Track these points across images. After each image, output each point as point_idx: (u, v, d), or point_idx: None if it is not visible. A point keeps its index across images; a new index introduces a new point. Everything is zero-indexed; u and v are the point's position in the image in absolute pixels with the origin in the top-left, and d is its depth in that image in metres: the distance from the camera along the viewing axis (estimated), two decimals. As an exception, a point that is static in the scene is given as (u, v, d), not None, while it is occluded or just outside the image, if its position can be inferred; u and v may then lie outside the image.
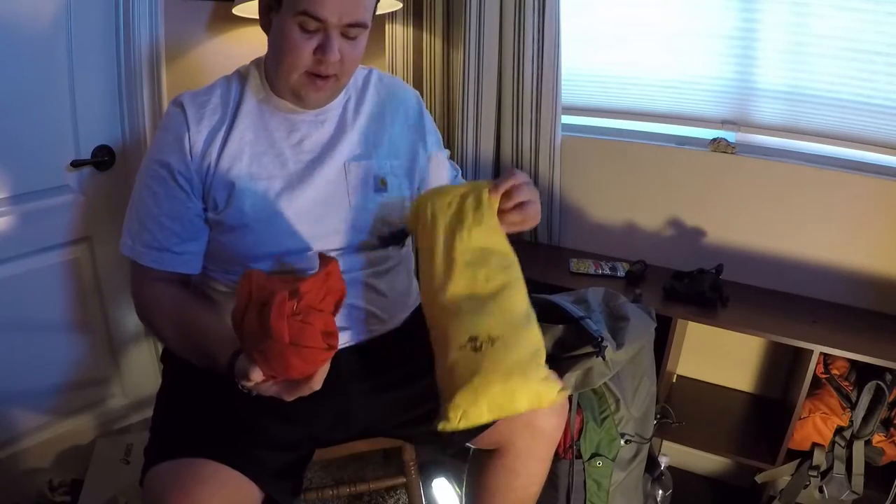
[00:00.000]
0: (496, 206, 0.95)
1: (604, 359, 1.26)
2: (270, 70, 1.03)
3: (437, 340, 0.95)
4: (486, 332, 0.90)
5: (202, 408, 0.98)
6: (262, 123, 1.04)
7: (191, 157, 0.99)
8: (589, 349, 1.26)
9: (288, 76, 0.98)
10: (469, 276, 0.93)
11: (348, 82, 1.07)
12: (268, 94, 1.04)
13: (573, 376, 1.28)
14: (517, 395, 0.90)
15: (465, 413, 0.89)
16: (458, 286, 0.93)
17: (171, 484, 0.84)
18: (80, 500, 1.47)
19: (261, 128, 1.03)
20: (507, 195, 0.95)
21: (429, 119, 1.21)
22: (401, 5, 1.77)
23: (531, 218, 0.99)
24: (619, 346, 1.29)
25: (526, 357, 0.91)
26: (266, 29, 1.01)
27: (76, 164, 1.47)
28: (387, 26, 1.90)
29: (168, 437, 0.94)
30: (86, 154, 1.50)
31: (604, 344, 1.25)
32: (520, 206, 0.96)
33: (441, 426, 0.90)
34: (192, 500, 0.82)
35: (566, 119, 1.84)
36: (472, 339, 0.89)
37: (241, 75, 1.07)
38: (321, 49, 0.94)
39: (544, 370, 0.92)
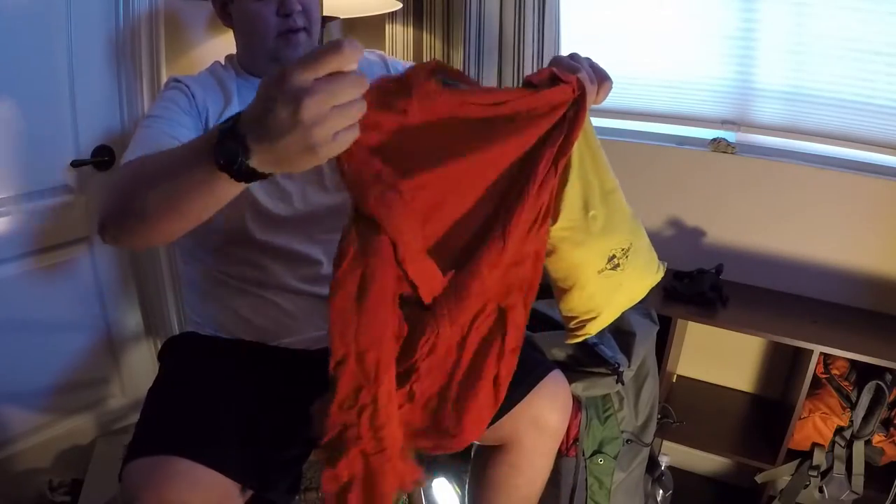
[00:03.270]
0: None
1: (623, 384, 1.28)
2: (243, 55, 1.11)
3: (564, 281, 0.94)
4: (618, 246, 0.93)
5: (187, 405, 0.97)
6: (240, 101, 1.09)
7: (194, 100, 1.03)
8: (603, 370, 1.27)
9: (263, 44, 1.04)
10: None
11: (317, 36, 1.12)
12: (244, 76, 1.12)
13: (580, 385, 1.29)
14: (645, 286, 0.99)
15: (602, 321, 0.96)
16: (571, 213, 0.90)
17: (142, 480, 0.83)
18: (80, 500, 1.47)
19: (241, 105, 1.07)
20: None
21: (398, 64, 1.22)
22: (401, 5, 1.77)
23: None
24: (629, 364, 1.30)
25: (647, 251, 0.98)
26: (229, 23, 1.09)
27: (76, 164, 1.46)
28: (387, 26, 1.90)
29: (148, 433, 0.93)
30: (86, 154, 1.49)
31: (621, 370, 1.27)
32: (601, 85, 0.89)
33: (575, 340, 0.98)
34: (162, 496, 0.81)
35: (566, 119, 1.83)
36: (611, 258, 0.92)
37: (219, 63, 1.15)
38: (282, 6, 1.02)
39: (656, 259, 1.00)
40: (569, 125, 0.82)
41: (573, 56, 0.88)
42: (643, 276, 0.99)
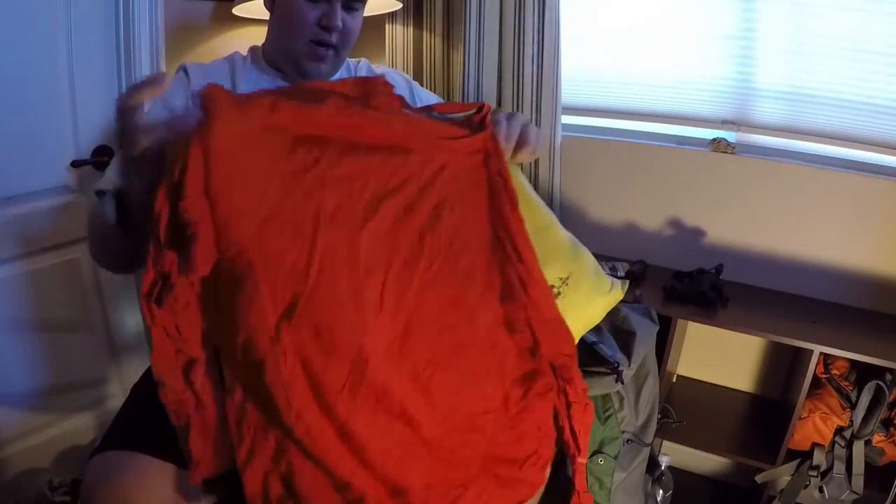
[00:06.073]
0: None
1: (623, 383, 1.28)
2: (271, 48, 1.09)
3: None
4: (556, 276, 0.94)
5: (159, 403, 0.97)
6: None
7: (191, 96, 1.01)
8: (603, 370, 1.27)
9: (292, 45, 1.04)
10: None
11: (345, 59, 1.12)
12: (265, 68, 1.10)
13: None
14: (599, 309, 1.02)
15: None
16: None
17: (96, 475, 0.84)
18: (79, 501, 1.47)
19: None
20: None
21: (423, 93, 1.23)
22: (401, 5, 1.77)
23: (534, 141, 0.91)
24: (630, 363, 1.30)
25: (594, 275, 0.99)
26: (270, 7, 1.07)
27: (76, 164, 1.46)
28: (387, 26, 1.90)
29: (114, 429, 0.93)
30: (86, 154, 1.49)
31: (620, 369, 1.26)
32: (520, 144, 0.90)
33: None
34: (112, 491, 0.82)
35: (566, 119, 1.84)
36: (551, 287, 0.93)
37: (240, 54, 1.13)
38: (326, 17, 1.01)
39: (608, 280, 1.03)
40: (503, 181, 0.82)
41: (510, 114, 0.90)
42: (592, 298, 1.00)
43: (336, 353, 0.69)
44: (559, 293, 0.94)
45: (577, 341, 0.98)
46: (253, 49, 1.14)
